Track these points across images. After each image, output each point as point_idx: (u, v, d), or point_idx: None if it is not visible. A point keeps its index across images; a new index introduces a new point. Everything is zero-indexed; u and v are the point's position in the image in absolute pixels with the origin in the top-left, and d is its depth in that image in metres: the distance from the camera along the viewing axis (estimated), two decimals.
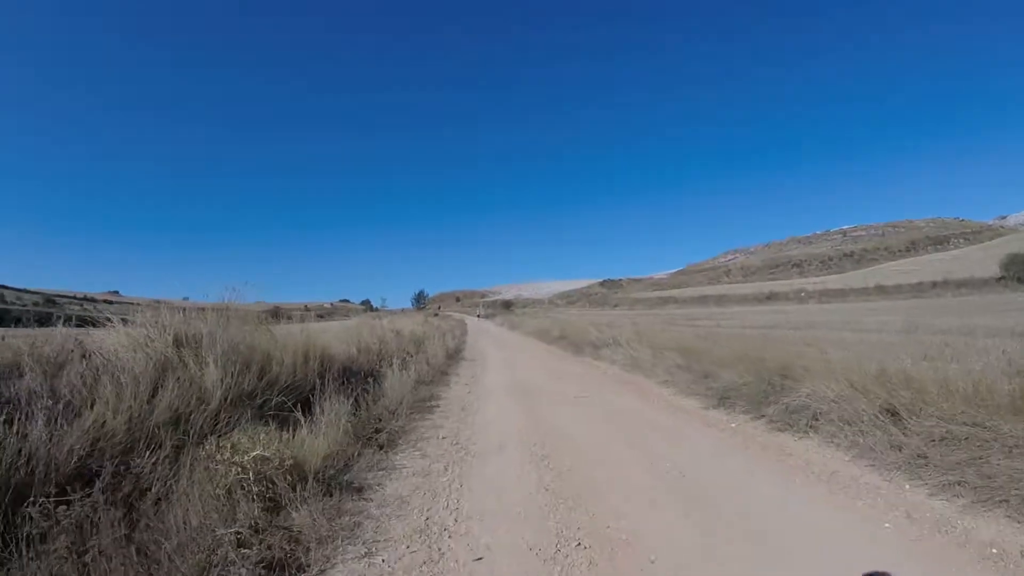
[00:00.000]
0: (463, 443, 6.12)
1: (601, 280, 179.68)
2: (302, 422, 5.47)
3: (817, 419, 6.02)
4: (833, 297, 55.82)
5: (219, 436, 4.73)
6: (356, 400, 7.05)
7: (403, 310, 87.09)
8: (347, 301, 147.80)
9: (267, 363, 6.62)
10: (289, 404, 5.95)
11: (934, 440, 4.87)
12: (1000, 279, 46.73)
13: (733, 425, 6.55)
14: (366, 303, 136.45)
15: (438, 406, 8.27)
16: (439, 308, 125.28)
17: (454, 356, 16.47)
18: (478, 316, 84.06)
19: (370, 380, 8.42)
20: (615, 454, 5.52)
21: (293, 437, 5.13)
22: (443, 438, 6.36)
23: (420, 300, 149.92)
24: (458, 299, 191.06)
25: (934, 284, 50.49)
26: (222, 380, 5.60)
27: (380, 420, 6.69)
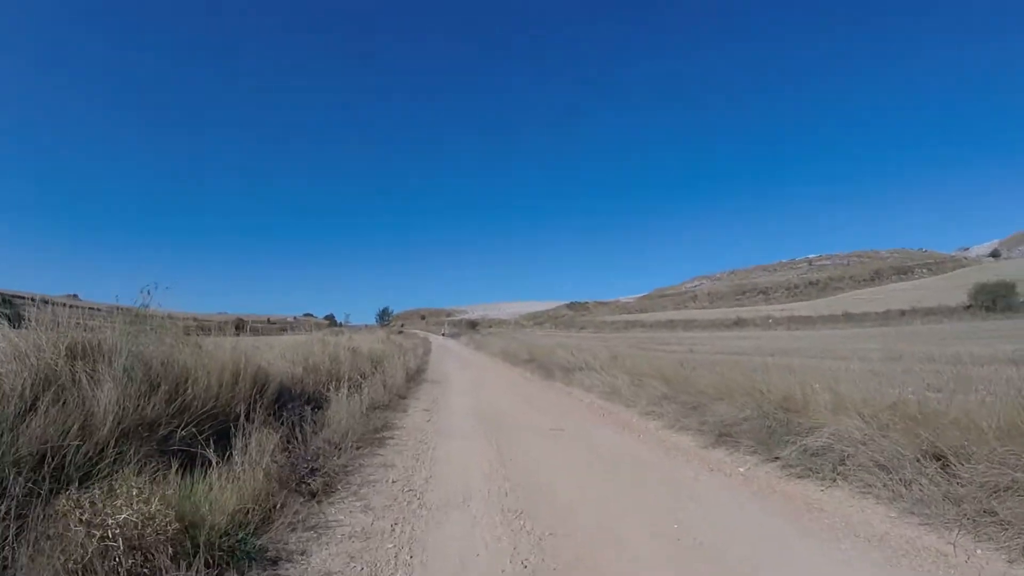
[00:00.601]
0: (417, 490, 4.93)
1: (568, 302, 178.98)
2: (213, 462, 4.32)
3: (844, 463, 5.09)
4: (801, 324, 55.80)
5: (93, 482, 3.58)
6: (292, 430, 5.89)
7: (367, 326, 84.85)
8: (311, 315, 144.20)
9: (183, 384, 5.43)
10: (203, 437, 4.79)
11: (998, 490, 3.96)
12: (968, 307, 47.21)
13: (742, 469, 5.54)
14: (330, 318, 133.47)
15: (392, 438, 7.07)
16: (402, 326, 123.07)
17: (415, 377, 15.26)
18: (443, 335, 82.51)
19: (312, 406, 7.25)
20: (608, 509, 4.41)
21: (198, 483, 3.99)
22: (393, 482, 5.15)
23: (384, 317, 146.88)
24: (423, 317, 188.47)
25: (902, 312, 50.65)
26: (119, 403, 4.44)
27: (318, 457, 5.50)
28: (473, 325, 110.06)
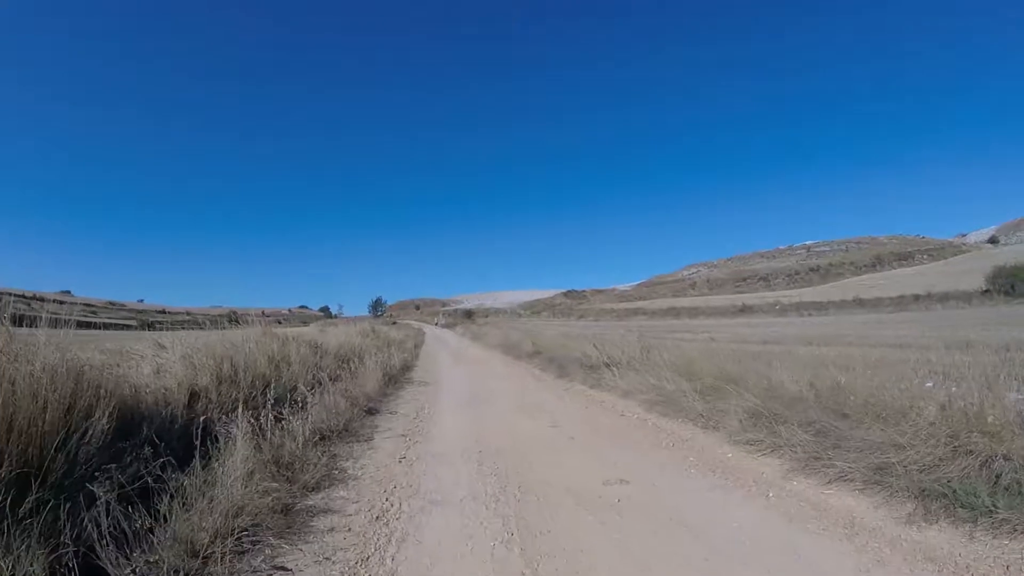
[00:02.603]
0: None
1: (565, 291, 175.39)
2: None
3: None
4: (812, 310, 52.84)
5: None
6: (112, 516, 2.85)
7: (358, 318, 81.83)
8: (306, 307, 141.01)
9: None
10: None
11: None
12: (985, 292, 45.06)
13: None
14: (325, 310, 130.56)
15: (326, 512, 3.90)
16: (393, 316, 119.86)
17: (398, 378, 12.15)
18: (436, 324, 79.51)
19: (185, 448, 4.19)
20: None
21: None
22: None
23: (377, 308, 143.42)
24: (418, 307, 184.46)
25: (916, 297, 48.16)
26: None
27: None
28: (469, 315, 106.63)
